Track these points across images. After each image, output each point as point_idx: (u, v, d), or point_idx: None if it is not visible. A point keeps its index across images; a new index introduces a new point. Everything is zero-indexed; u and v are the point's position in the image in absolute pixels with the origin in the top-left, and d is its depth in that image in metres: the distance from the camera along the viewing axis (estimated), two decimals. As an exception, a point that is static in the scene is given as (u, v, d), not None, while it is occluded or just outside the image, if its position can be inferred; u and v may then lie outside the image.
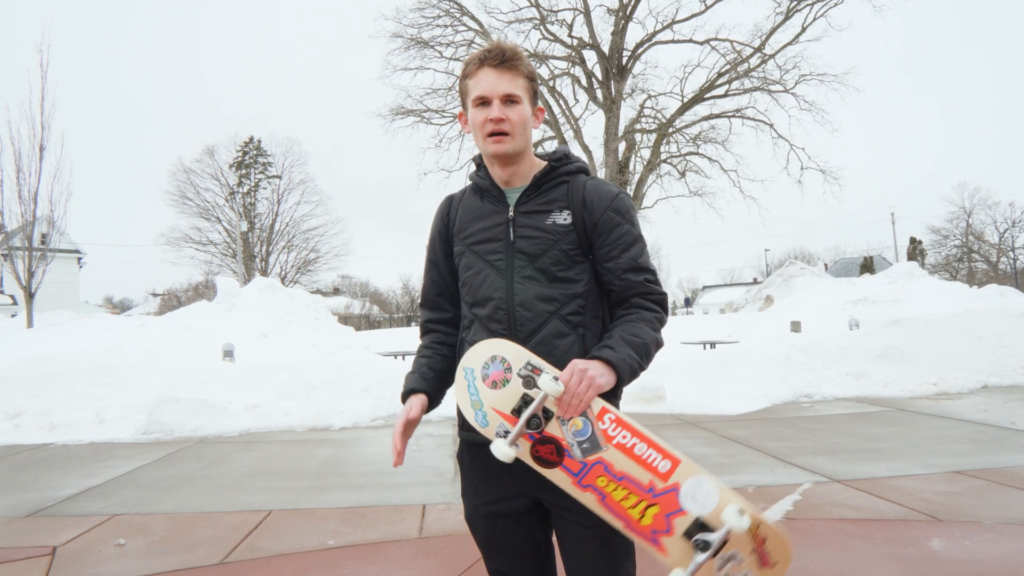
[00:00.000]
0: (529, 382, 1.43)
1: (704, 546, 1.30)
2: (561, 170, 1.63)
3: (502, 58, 1.53)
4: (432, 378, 1.64)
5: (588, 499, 1.39)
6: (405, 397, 1.61)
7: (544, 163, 1.65)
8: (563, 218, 1.57)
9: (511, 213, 1.60)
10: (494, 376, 1.46)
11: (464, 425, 1.59)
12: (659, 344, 1.57)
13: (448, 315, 1.73)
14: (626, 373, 1.46)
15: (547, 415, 1.42)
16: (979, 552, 3.19)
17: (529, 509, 1.58)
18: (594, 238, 1.58)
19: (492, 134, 1.54)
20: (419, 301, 1.83)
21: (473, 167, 1.72)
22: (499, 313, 1.56)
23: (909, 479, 4.49)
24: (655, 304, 1.60)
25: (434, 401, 1.64)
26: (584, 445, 1.40)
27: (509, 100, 1.53)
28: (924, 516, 3.72)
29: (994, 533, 3.43)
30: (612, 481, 1.37)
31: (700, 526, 1.32)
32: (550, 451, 1.42)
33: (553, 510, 1.57)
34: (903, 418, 6.79)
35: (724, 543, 1.30)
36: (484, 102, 1.54)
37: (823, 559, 3.16)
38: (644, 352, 1.51)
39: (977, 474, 4.55)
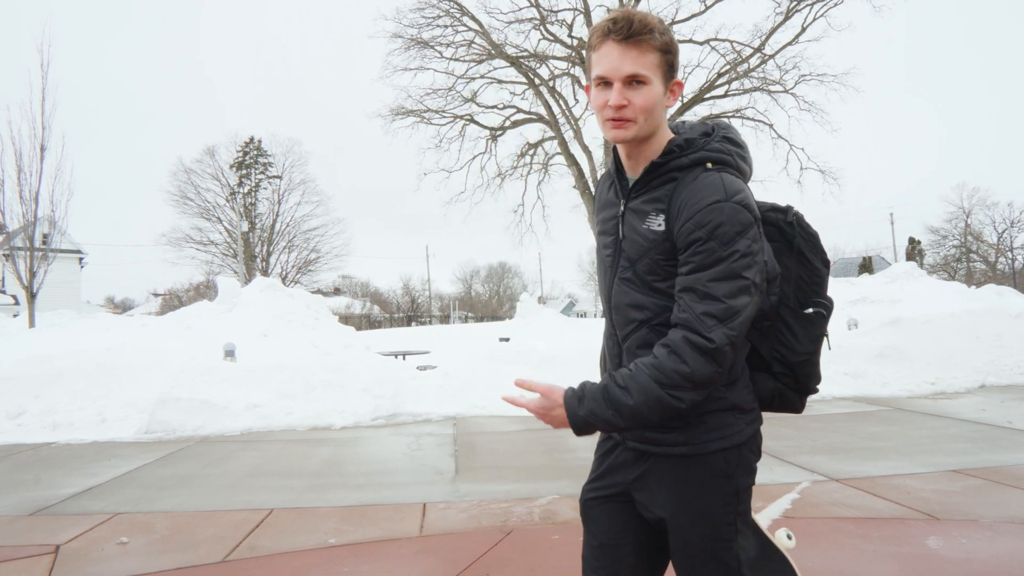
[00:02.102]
0: None
1: None
2: (672, 164, 1.39)
3: (628, 31, 1.32)
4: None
5: None
6: None
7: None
8: (657, 224, 1.38)
9: (623, 207, 1.46)
10: None
11: None
12: (664, 408, 1.31)
13: None
14: (581, 430, 1.37)
15: None
16: (977, 551, 3.20)
17: (622, 496, 1.53)
18: (678, 249, 1.36)
19: (612, 119, 1.36)
20: None
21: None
22: (608, 311, 1.52)
23: (907, 478, 4.51)
24: (694, 351, 1.29)
25: None
26: None
27: (634, 81, 1.34)
28: (922, 515, 3.74)
29: (992, 531, 3.45)
30: None
31: None
32: None
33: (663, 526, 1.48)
34: (901, 417, 6.81)
35: None
36: (605, 83, 1.36)
37: (821, 557, 3.18)
38: (621, 413, 1.32)
39: (975, 473, 4.56)
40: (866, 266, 45.30)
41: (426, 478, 4.96)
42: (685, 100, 22.13)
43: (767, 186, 21.97)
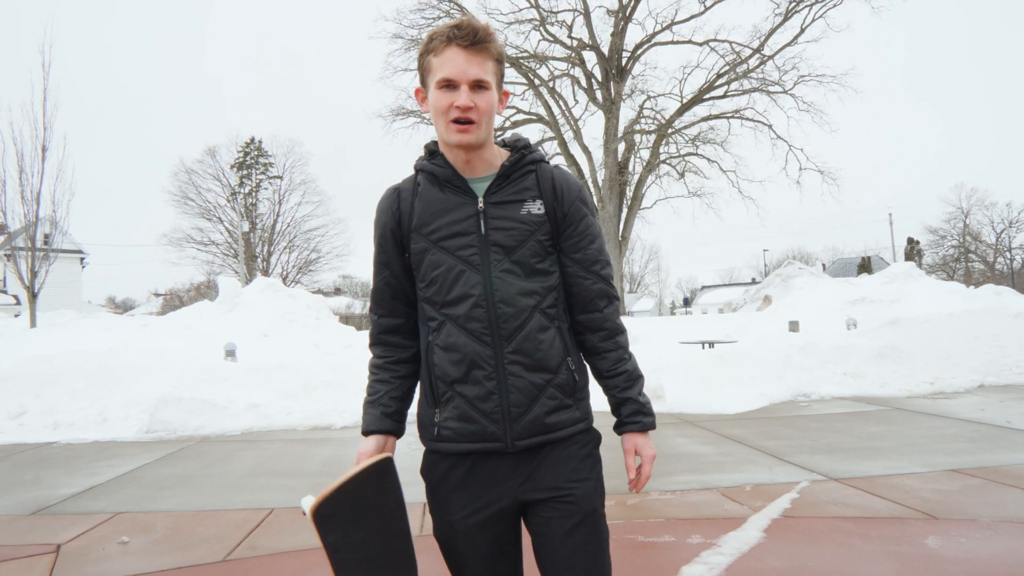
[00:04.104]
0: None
1: None
2: (528, 158, 1.55)
3: (473, 38, 1.40)
4: (394, 411, 1.59)
5: None
6: (366, 434, 1.55)
7: (504, 150, 1.55)
8: (537, 208, 1.51)
9: (481, 204, 1.49)
10: None
11: (437, 435, 1.53)
12: None
13: (401, 321, 1.61)
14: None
15: None
16: (975, 550, 3.21)
17: (511, 510, 1.52)
18: (562, 228, 1.53)
19: (457, 121, 1.42)
20: (368, 306, 1.68)
21: (425, 153, 1.58)
22: (477, 311, 1.46)
23: (906, 477, 4.52)
24: (617, 316, 1.61)
25: (399, 435, 1.61)
26: None
27: (478, 86, 1.42)
28: (921, 514, 3.75)
29: (990, 531, 3.46)
30: None
31: None
32: None
33: (538, 506, 1.50)
34: (900, 417, 6.82)
35: None
36: (450, 85, 1.42)
37: (820, 557, 3.19)
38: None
39: (973, 472, 4.57)
40: (865, 266, 45.33)
41: (426, 478, 4.97)
42: (685, 100, 22.16)
43: (767, 186, 22.05)
